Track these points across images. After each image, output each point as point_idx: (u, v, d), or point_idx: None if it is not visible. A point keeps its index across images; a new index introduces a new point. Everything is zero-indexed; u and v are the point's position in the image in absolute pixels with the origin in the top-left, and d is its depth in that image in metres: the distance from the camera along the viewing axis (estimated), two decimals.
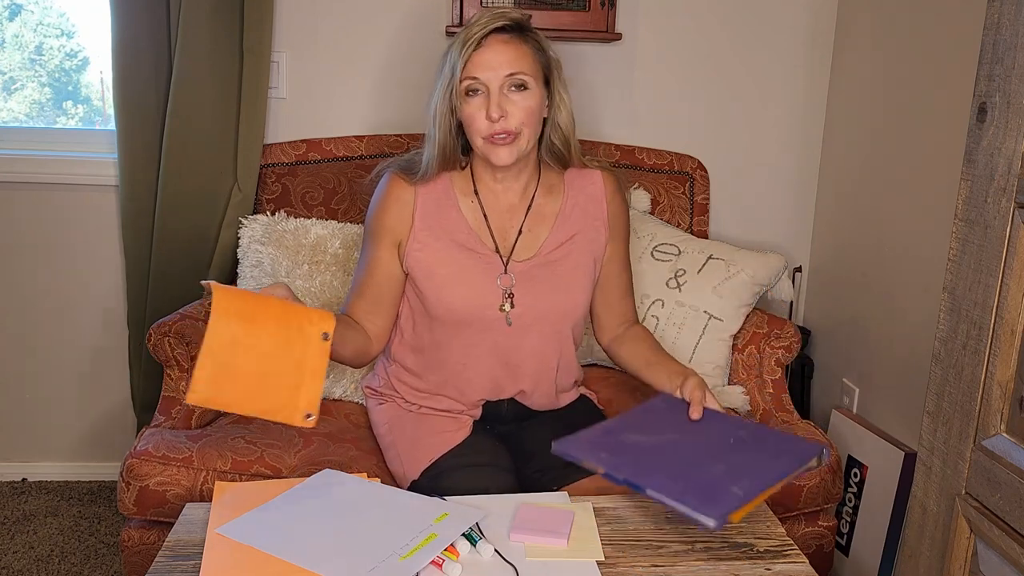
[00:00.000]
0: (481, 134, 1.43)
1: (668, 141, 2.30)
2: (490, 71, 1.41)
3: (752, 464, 1.21)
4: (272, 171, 2.10)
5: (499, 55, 1.41)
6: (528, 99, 1.43)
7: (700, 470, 1.19)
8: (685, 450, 1.25)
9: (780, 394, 1.90)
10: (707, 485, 1.15)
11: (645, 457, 1.23)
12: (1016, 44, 1.03)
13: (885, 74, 2.06)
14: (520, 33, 1.44)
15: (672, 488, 1.14)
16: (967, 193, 1.11)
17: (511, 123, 1.42)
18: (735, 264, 1.95)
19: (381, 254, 1.52)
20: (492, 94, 1.41)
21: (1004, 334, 1.06)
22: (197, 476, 1.55)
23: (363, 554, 1.10)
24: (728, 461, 1.22)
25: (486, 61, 1.40)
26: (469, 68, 1.41)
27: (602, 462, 1.22)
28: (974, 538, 1.12)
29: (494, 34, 1.41)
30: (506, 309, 1.50)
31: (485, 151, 1.45)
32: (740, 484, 1.15)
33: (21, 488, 2.37)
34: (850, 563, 2.03)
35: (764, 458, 1.23)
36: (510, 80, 1.41)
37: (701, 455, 1.24)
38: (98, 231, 2.29)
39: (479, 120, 1.42)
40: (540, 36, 1.48)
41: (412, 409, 1.59)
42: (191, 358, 1.79)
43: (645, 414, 1.37)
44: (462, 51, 1.40)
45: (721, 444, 1.27)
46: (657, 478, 1.16)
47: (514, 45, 1.42)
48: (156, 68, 2.06)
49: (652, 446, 1.26)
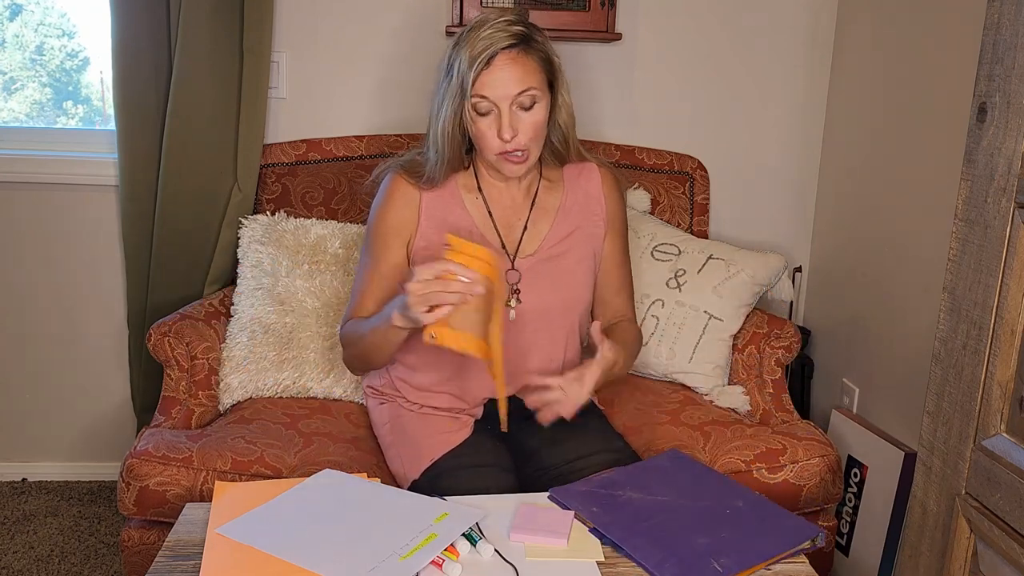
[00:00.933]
0: (493, 151, 1.44)
1: (668, 141, 2.30)
2: (500, 90, 1.40)
3: (742, 541, 1.18)
4: (272, 171, 2.10)
5: (509, 74, 1.40)
6: (536, 114, 1.44)
7: (686, 540, 1.17)
8: (677, 515, 1.24)
9: (780, 394, 1.90)
10: (689, 557, 1.13)
11: (634, 518, 1.22)
12: (1016, 44, 1.03)
13: (885, 74, 2.06)
14: (527, 45, 1.42)
15: (652, 556, 1.14)
16: (967, 193, 1.11)
17: (521, 140, 1.43)
18: (735, 264, 1.95)
19: (392, 257, 1.52)
20: (503, 114, 1.41)
21: (1004, 334, 1.06)
22: (197, 476, 1.55)
23: (363, 554, 1.10)
24: (718, 534, 1.19)
25: (495, 81, 1.39)
26: (478, 87, 1.40)
27: (592, 517, 1.23)
28: (974, 538, 1.12)
29: (503, 52, 1.40)
30: (512, 305, 1.50)
31: (498, 165, 1.47)
32: (723, 560, 1.13)
33: (21, 488, 2.37)
34: (850, 563, 2.03)
35: (756, 536, 1.20)
36: (519, 99, 1.41)
37: (692, 523, 1.22)
38: (98, 231, 2.29)
39: (490, 138, 1.43)
40: (545, 43, 1.46)
41: (413, 409, 1.59)
42: (190, 358, 1.79)
43: (647, 471, 1.37)
44: (472, 68, 1.39)
45: (716, 513, 1.25)
46: (640, 543, 1.16)
47: (521, 61, 1.41)
48: (156, 68, 2.06)
49: (644, 507, 1.25)
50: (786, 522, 1.23)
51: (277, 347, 1.85)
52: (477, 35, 1.40)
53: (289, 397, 1.86)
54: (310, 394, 1.87)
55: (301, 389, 1.86)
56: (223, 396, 1.83)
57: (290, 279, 1.89)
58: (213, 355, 1.83)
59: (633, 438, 1.69)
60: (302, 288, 1.89)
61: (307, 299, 1.88)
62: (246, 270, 1.94)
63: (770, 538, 1.19)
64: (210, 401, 1.81)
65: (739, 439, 1.69)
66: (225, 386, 1.83)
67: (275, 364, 1.85)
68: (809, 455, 1.66)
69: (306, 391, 1.87)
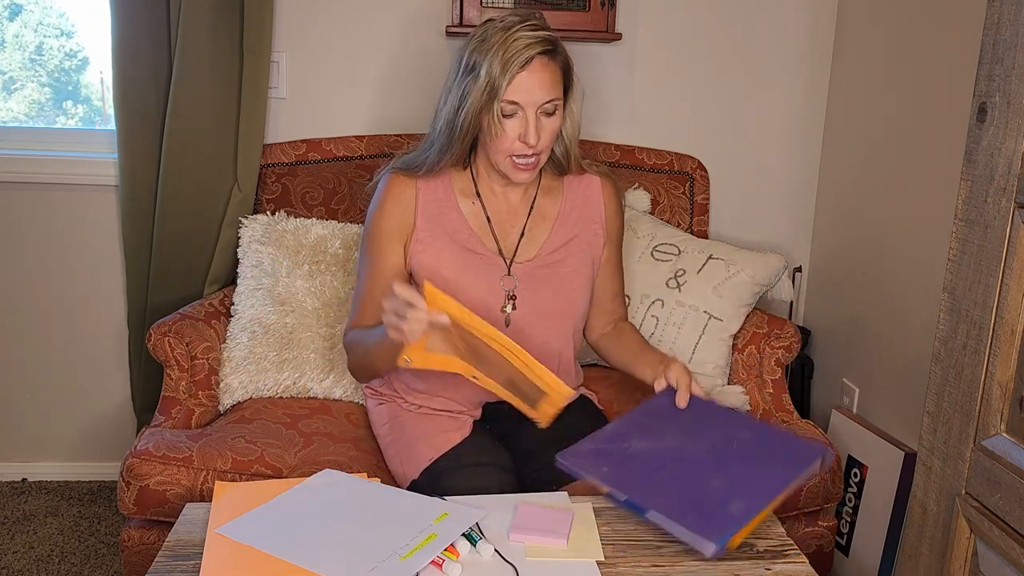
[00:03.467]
0: (508, 153, 1.44)
1: (668, 141, 2.30)
2: (531, 95, 1.40)
3: (754, 475, 1.21)
4: (272, 171, 2.10)
5: (542, 81, 1.40)
6: (555, 122, 1.45)
7: (700, 486, 1.19)
8: (687, 460, 1.25)
9: (780, 394, 1.90)
10: (707, 507, 1.15)
11: (647, 472, 1.23)
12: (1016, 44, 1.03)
13: (885, 74, 2.06)
14: (555, 52, 1.42)
15: (672, 510, 1.15)
16: (967, 193, 1.11)
17: (540, 147, 1.44)
18: (735, 264, 1.95)
19: (391, 260, 1.52)
20: (529, 120, 1.41)
21: (1004, 334, 1.06)
22: (197, 476, 1.55)
23: (363, 554, 1.10)
24: (729, 473, 1.21)
25: (529, 86, 1.39)
26: (511, 91, 1.39)
27: (606, 479, 1.22)
28: (974, 538, 1.12)
29: (538, 56, 1.39)
30: (507, 311, 1.51)
31: (506, 169, 1.47)
32: (739, 502, 1.15)
33: (21, 488, 2.37)
34: (850, 563, 2.03)
35: (767, 466, 1.23)
36: (544, 107, 1.42)
37: (703, 465, 1.23)
38: (98, 231, 2.29)
39: (511, 140, 1.42)
40: (566, 53, 1.46)
41: (412, 409, 1.59)
42: (191, 358, 1.79)
43: (647, 416, 1.37)
44: (506, 70, 1.38)
45: (723, 450, 1.26)
46: (658, 500, 1.17)
47: (551, 69, 1.41)
48: (156, 68, 2.06)
49: (654, 457, 1.26)
50: (792, 447, 1.27)
51: (277, 347, 1.85)
52: (511, 37, 1.38)
53: (289, 397, 1.86)
54: (310, 394, 1.87)
55: (301, 389, 1.86)
56: (223, 396, 1.83)
57: (290, 279, 1.89)
58: (213, 355, 1.83)
59: None
60: (302, 288, 1.89)
61: (307, 299, 1.88)
62: (246, 270, 1.94)
63: (779, 465, 1.22)
64: (210, 401, 1.81)
65: None
66: (225, 386, 1.83)
67: (275, 364, 1.85)
68: None
69: (306, 391, 1.87)
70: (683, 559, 1.17)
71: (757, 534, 1.23)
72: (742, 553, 1.19)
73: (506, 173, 1.47)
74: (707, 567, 1.16)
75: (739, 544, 1.17)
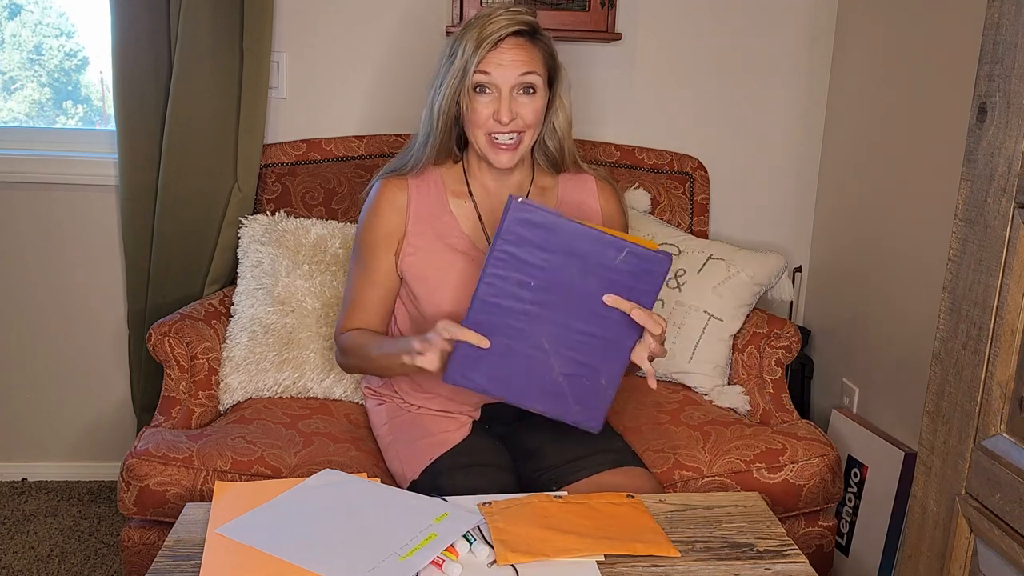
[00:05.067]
0: (485, 131, 1.44)
1: (668, 141, 2.30)
2: (504, 71, 1.41)
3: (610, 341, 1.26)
4: (272, 171, 2.10)
5: (515, 58, 1.41)
6: (536, 101, 1.44)
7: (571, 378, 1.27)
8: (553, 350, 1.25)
9: (780, 394, 1.90)
10: (580, 395, 1.28)
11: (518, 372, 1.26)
12: (1016, 44, 1.03)
13: (885, 74, 2.06)
14: (532, 37, 1.44)
15: (552, 409, 1.29)
16: (967, 193, 1.11)
17: (519, 123, 1.43)
18: (735, 264, 1.95)
19: (383, 265, 1.52)
20: (503, 97, 1.41)
21: (1004, 334, 1.06)
22: (197, 476, 1.55)
23: (363, 554, 1.10)
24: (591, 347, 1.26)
25: (501, 60, 1.40)
26: (482, 66, 1.40)
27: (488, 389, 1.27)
28: (974, 538, 1.12)
29: (511, 36, 1.41)
30: None
31: (486, 151, 1.45)
32: (603, 379, 1.28)
33: (21, 488, 2.37)
34: (850, 563, 2.03)
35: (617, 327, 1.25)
36: (521, 82, 1.42)
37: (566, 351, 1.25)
38: (98, 231, 2.29)
39: (484, 116, 1.42)
40: (550, 40, 1.47)
41: (411, 409, 1.59)
42: (191, 358, 1.79)
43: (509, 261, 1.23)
44: (477, 50, 1.39)
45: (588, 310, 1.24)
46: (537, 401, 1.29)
47: (527, 49, 1.42)
48: (156, 68, 2.06)
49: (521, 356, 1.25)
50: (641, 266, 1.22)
51: (277, 347, 1.85)
52: (486, 20, 1.41)
53: (289, 397, 1.86)
54: (310, 394, 1.87)
55: (301, 389, 1.86)
56: (223, 396, 1.83)
57: (290, 279, 1.89)
58: (213, 355, 1.83)
59: (633, 438, 1.69)
60: (302, 288, 1.89)
61: (307, 299, 1.88)
62: (246, 270, 1.94)
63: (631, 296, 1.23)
64: (210, 401, 1.81)
65: (739, 439, 1.69)
66: (225, 386, 1.83)
67: (275, 364, 1.85)
68: (809, 455, 1.66)
69: (306, 391, 1.87)
70: (682, 559, 1.17)
71: (757, 534, 1.24)
72: (742, 553, 1.19)
73: (486, 155, 1.46)
74: (707, 567, 1.16)
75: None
